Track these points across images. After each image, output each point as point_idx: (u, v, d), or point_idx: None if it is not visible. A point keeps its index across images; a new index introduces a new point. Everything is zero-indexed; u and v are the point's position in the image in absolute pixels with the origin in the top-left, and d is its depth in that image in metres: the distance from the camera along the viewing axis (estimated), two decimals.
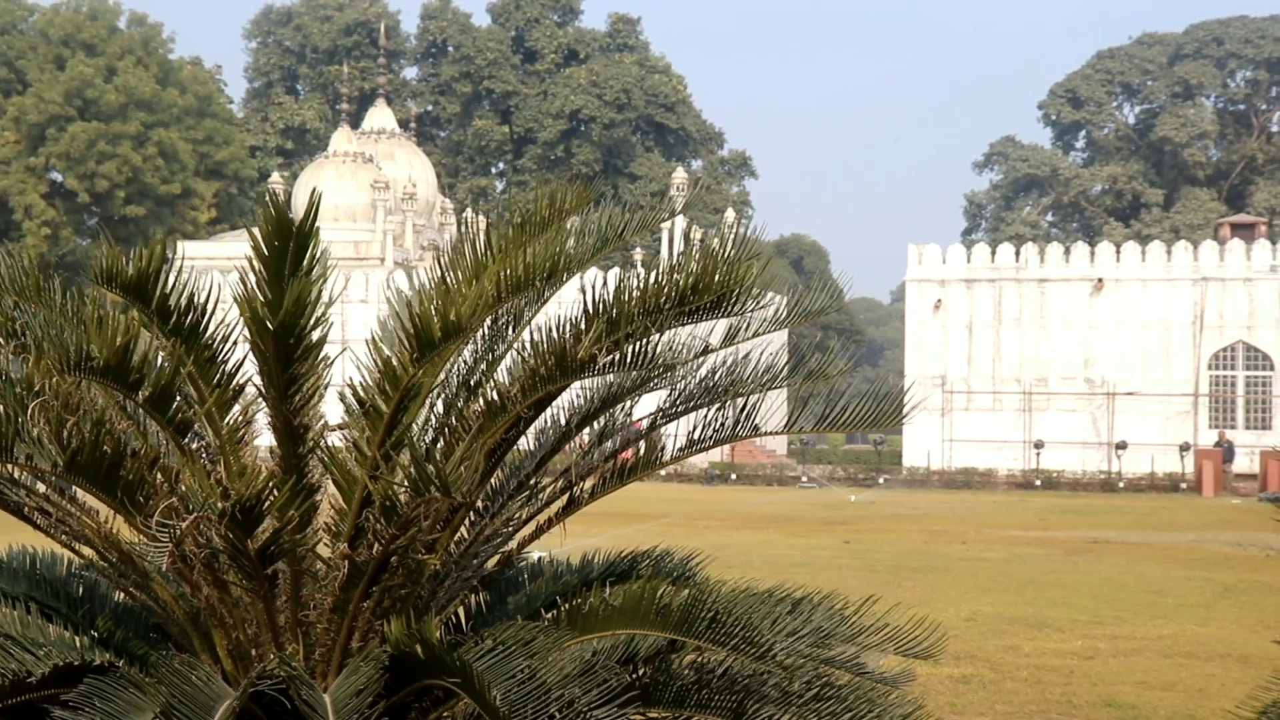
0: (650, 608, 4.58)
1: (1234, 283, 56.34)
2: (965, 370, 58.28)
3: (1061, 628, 16.60)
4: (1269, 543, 27.73)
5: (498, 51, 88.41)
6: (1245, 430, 55.38)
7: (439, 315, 4.43)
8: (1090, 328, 57.35)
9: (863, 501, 43.07)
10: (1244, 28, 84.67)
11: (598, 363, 4.62)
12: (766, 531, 30.46)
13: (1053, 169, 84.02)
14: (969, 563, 24.25)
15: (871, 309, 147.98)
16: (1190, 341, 56.43)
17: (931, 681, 12.84)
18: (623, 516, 30.57)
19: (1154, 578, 22.25)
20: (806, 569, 21.82)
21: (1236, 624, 17.03)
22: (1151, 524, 34.61)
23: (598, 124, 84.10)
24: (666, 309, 4.73)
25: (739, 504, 40.79)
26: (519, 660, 4.25)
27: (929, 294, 59.00)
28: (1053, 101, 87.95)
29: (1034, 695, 12.52)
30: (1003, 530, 31.74)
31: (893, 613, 5.19)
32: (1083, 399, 57.24)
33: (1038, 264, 58.27)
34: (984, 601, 18.85)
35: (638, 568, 5.71)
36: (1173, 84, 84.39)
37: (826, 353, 5.66)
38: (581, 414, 5.38)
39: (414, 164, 73.64)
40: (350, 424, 5.01)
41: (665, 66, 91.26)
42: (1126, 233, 76.72)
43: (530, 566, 5.90)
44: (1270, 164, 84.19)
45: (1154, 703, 12.23)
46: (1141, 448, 54.88)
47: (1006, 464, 55.96)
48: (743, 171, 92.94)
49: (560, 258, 4.68)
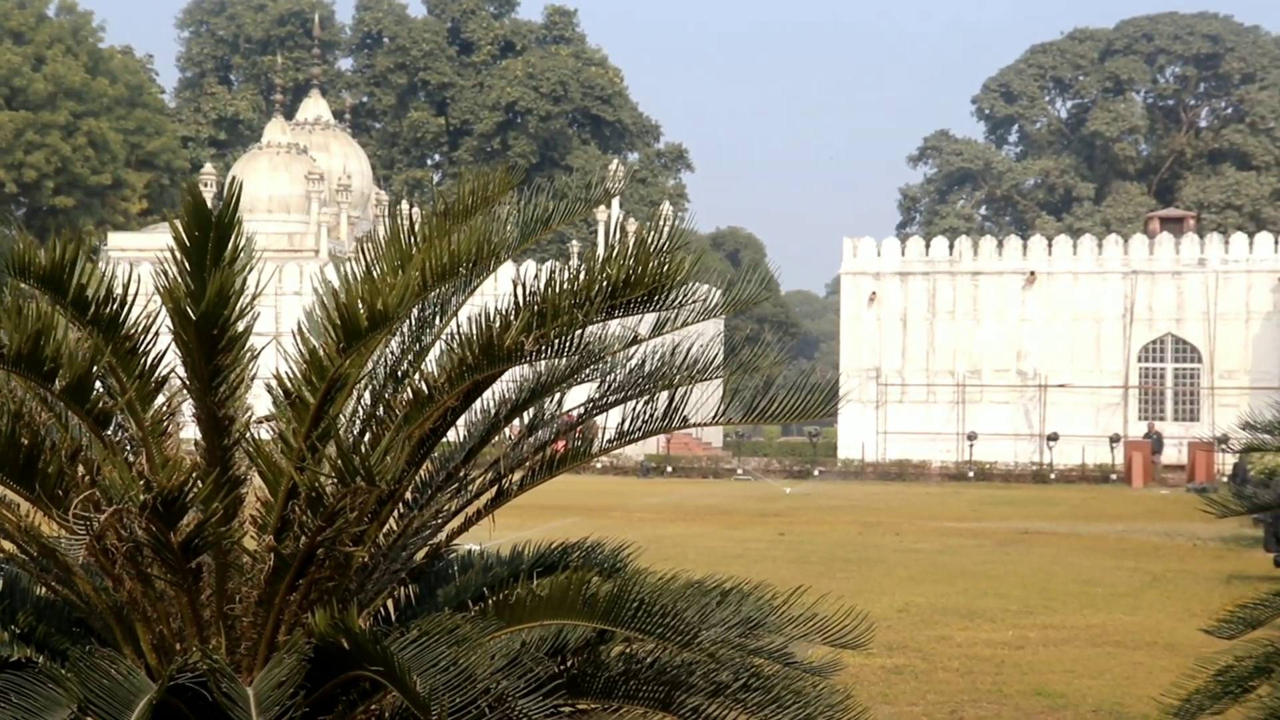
0: (577, 598, 4.57)
1: (1163, 276, 57.01)
2: (900, 363, 58.66)
3: (993, 618, 16.74)
4: (1196, 533, 28.10)
5: (433, 43, 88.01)
6: (1174, 422, 56.06)
7: (365, 305, 4.40)
8: (1023, 320, 57.87)
9: (797, 494, 43.25)
10: (1173, 24, 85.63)
11: (525, 353, 4.60)
12: (701, 524, 30.53)
13: (986, 163, 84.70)
14: (902, 554, 24.42)
15: (807, 302, 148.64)
16: (1120, 334, 57.05)
17: (864, 672, 12.92)
18: (557, 509, 30.52)
19: (1084, 568, 22.49)
20: (741, 561, 21.90)
21: (1164, 613, 17.24)
22: (1082, 515, 34.99)
23: (534, 116, 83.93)
24: (597, 302, 4.72)
25: (674, 496, 40.87)
26: (444, 650, 4.23)
27: (864, 287, 59.32)
28: (986, 96, 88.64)
29: (965, 685, 12.61)
30: (936, 522, 31.98)
31: (821, 603, 5.20)
32: (1015, 391, 57.74)
33: (971, 257, 58.72)
34: (916, 592, 18.99)
35: (568, 559, 5.69)
36: (1104, 79, 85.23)
37: (757, 344, 5.66)
38: (511, 405, 5.35)
39: (349, 155, 73.22)
40: (277, 415, 4.97)
41: (602, 59, 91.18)
42: (1058, 226, 77.42)
43: (460, 559, 5.86)
44: (1199, 159, 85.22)
45: (1083, 691, 12.36)
46: (1073, 439, 55.44)
47: (940, 456, 56.37)
48: (679, 164, 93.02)
49: (486, 245, 4.66)
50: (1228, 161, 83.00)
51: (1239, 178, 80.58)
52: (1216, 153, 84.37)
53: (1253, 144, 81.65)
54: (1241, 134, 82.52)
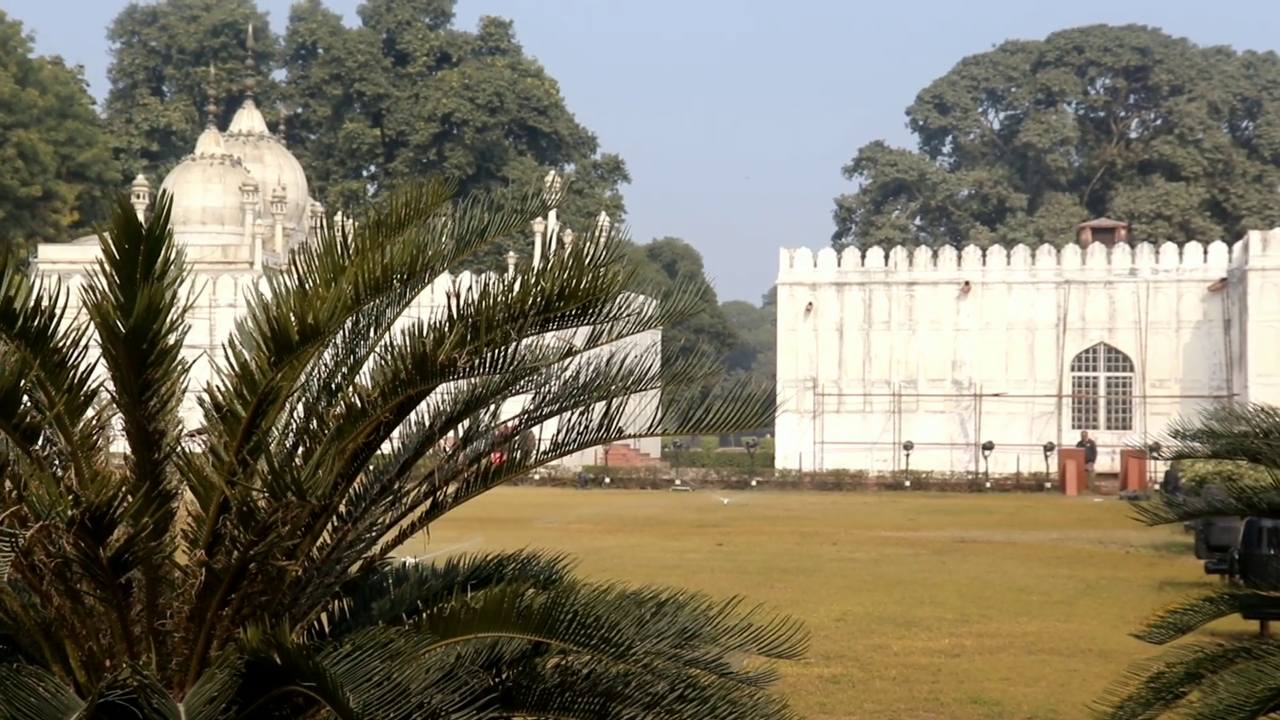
0: (512, 610, 4.55)
1: (1095, 286, 57.61)
2: (836, 373, 58.92)
3: (929, 626, 16.83)
4: (1129, 540, 28.37)
5: (368, 54, 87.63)
6: (1107, 430, 56.63)
7: (296, 318, 4.37)
8: (957, 330, 58.30)
9: (735, 504, 43.33)
10: (1103, 36, 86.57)
11: (458, 366, 4.58)
12: (640, 535, 30.53)
13: (920, 174, 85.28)
14: (839, 563, 24.50)
15: (744, 312, 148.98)
16: (1054, 343, 57.58)
17: (802, 681, 12.95)
18: (495, 521, 30.43)
19: (1019, 576, 22.66)
20: (679, 571, 21.90)
21: (1097, 619, 17.39)
22: (1017, 523, 35.25)
23: (470, 127, 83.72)
24: (531, 315, 4.71)
25: (613, 507, 40.83)
26: (377, 664, 4.20)
27: (800, 297, 59.57)
28: (920, 107, 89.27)
29: (902, 694, 12.67)
30: (872, 531, 32.12)
31: (757, 613, 5.21)
32: (950, 400, 58.15)
33: (906, 267, 59.11)
34: (853, 601, 19.05)
35: (503, 571, 5.67)
36: (1036, 91, 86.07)
37: (693, 355, 5.68)
38: (445, 418, 5.33)
39: (284, 167, 72.76)
40: (209, 429, 4.92)
41: (538, 70, 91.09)
42: (992, 236, 78.07)
43: (395, 572, 5.83)
44: (1129, 170, 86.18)
45: (1018, 698, 12.45)
46: (1007, 448, 55.90)
47: (877, 465, 56.66)
48: (616, 175, 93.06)
49: (419, 257, 4.64)
50: (1157, 172, 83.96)
51: (1169, 188, 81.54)
52: (1147, 164, 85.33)
53: (1182, 155, 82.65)
54: (1171, 145, 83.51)
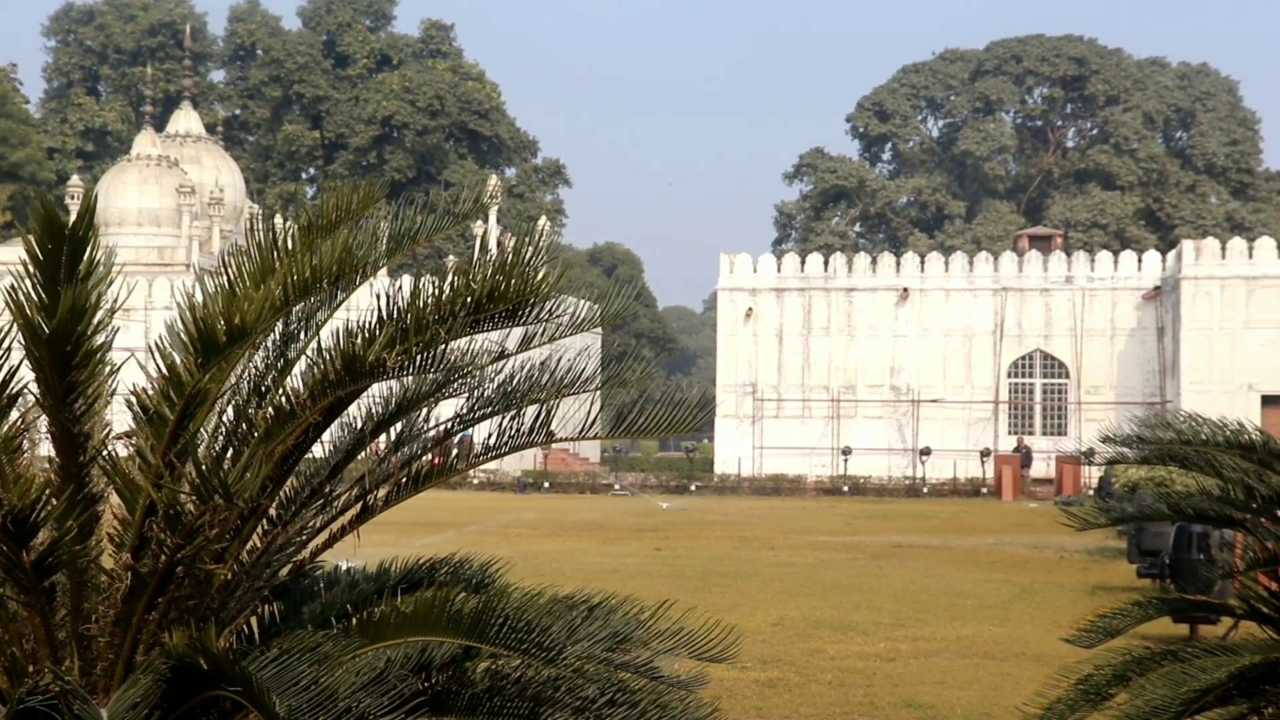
0: (442, 614, 4.53)
1: (1032, 293, 58.10)
2: (776, 378, 59.12)
3: (865, 631, 16.91)
4: (1063, 545, 28.62)
5: (308, 55, 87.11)
6: (1042, 436, 57.11)
7: (224, 319, 4.33)
8: (896, 336, 58.63)
9: (674, 509, 43.37)
10: (1041, 46, 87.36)
11: (388, 368, 4.56)
12: (578, 539, 30.50)
13: (860, 180, 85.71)
14: (777, 568, 24.58)
15: (685, 317, 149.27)
16: (991, 350, 58.02)
17: (738, 685, 12.99)
18: (433, 525, 30.35)
19: (954, 580, 22.80)
20: (617, 576, 21.90)
21: (1031, 624, 17.53)
22: (953, 528, 35.47)
23: (410, 130, 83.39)
24: (461, 316, 4.68)
25: (551, 512, 40.77)
26: (305, 669, 4.17)
27: (740, 303, 59.73)
28: (860, 114, 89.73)
29: (837, 697, 12.72)
30: (810, 536, 32.23)
31: (688, 617, 5.21)
32: (889, 406, 58.47)
33: (846, 274, 59.40)
34: (791, 606, 19.12)
35: (436, 575, 5.64)
36: (974, 99, 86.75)
37: (627, 359, 5.67)
38: (376, 421, 5.30)
39: (221, 168, 72.16)
40: (136, 432, 4.87)
41: (479, 73, 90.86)
42: (930, 243, 78.56)
43: (326, 575, 5.79)
44: (1065, 178, 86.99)
45: (952, 702, 12.52)
46: (945, 453, 56.25)
47: (815, 470, 56.87)
48: (556, 180, 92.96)
49: (349, 259, 4.61)
50: (1093, 181, 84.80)
51: (1104, 197, 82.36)
52: (1083, 172, 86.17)
53: (1117, 164, 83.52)
54: (1106, 154, 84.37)
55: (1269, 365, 52.52)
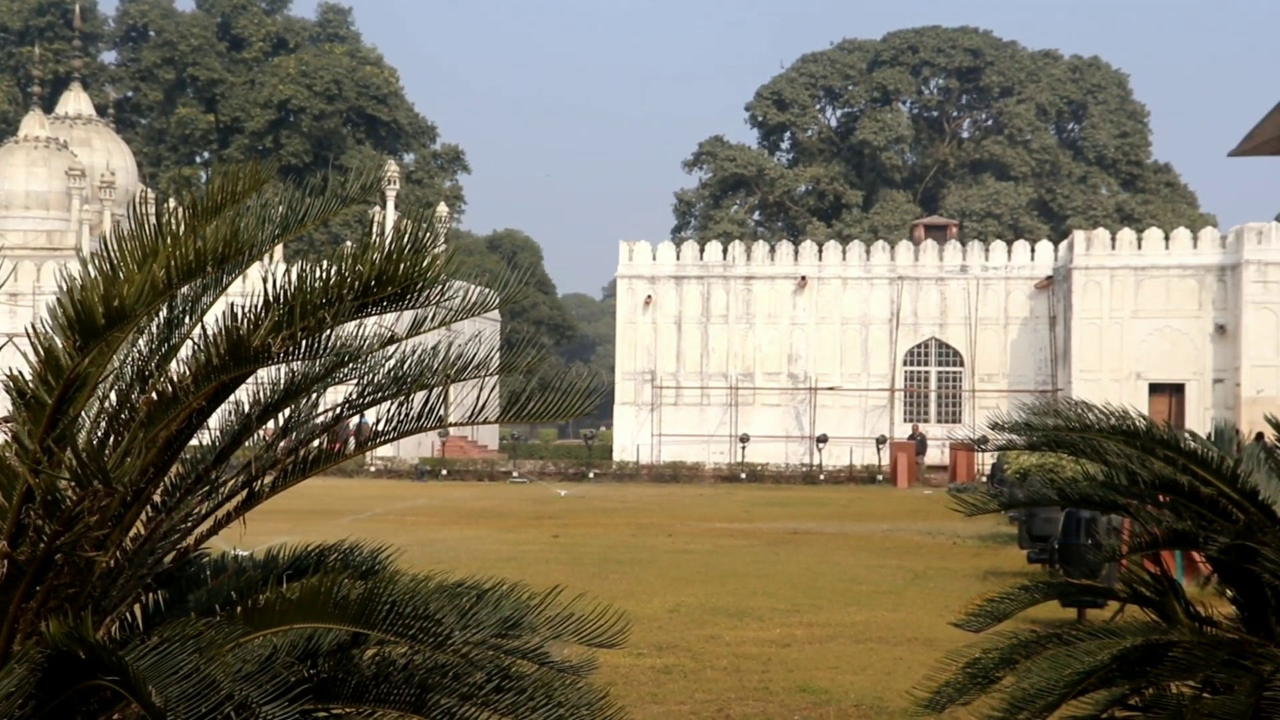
0: (329, 601, 4.48)
1: (927, 282, 58.76)
2: (674, 366, 59.30)
3: (761, 617, 17.00)
4: (956, 531, 28.98)
5: (202, 38, 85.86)
6: (937, 424, 57.83)
7: (103, 301, 4.25)
8: (794, 324, 59.03)
9: (572, 496, 43.38)
10: (937, 37, 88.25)
11: (273, 352, 4.49)
12: (475, 527, 30.41)
13: (759, 169, 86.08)
14: (674, 555, 24.65)
15: (584, 305, 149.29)
16: (887, 338, 58.61)
17: (634, 672, 13.01)
18: (328, 513, 30.15)
19: (850, 566, 23.00)
20: (514, 563, 21.87)
21: (924, 609, 17.72)
22: (849, 514, 35.79)
23: (307, 115, 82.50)
24: (349, 300, 4.63)
25: (449, 499, 40.62)
26: (186, 658, 4.10)
27: (639, 290, 59.83)
28: (759, 103, 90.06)
29: (733, 683, 12.77)
30: (708, 523, 32.38)
31: (579, 602, 5.20)
32: (786, 394, 58.88)
33: (744, 262, 59.69)
34: (687, 593, 19.18)
35: (325, 562, 5.58)
36: (872, 89, 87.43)
37: (519, 345, 5.65)
38: (263, 406, 5.23)
39: (113, 151, 71.00)
40: (14, 416, 4.76)
41: (377, 58, 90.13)
42: (829, 232, 79.12)
43: (213, 563, 5.70)
44: (961, 168, 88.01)
45: (845, 686, 12.62)
46: (841, 441, 56.77)
47: (713, 458, 57.16)
48: (455, 166, 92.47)
49: (235, 242, 4.53)
50: (988, 171, 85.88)
51: (998, 187, 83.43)
52: (978, 163, 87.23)
53: (1011, 155, 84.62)
54: (1001, 145, 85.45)
55: (1156, 354, 53.59)
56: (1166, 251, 54.40)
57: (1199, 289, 53.77)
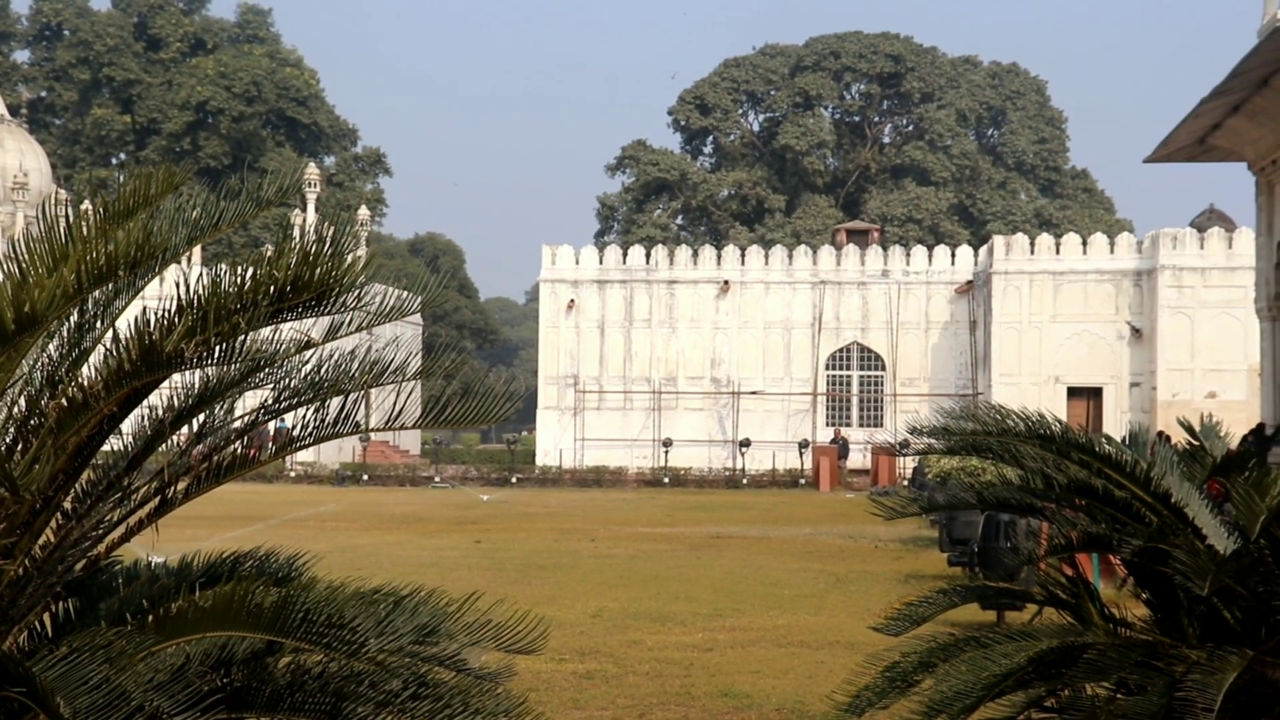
0: (242, 609, 4.43)
1: (849, 286, 59.09)
2: (597, 370, 59.26)
3: (683, 621, 17.01)
4: (878, 535, 29.14)
5: (118, 38, 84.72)
6: (859, 428, 58.14)
7: (12, 306, 4.17)
8: (717, 329, 59.16)
9: (495, 501, 43.24)
10: (859, 43, 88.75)
11: (186, 358, 4.43)
12: (397, 532, 30.22)
13: (682, 173, 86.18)
14: (597, 560, 24.62)
15: (507, 309, 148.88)
16: (810, 342, 58.87)
17: (555, 678, 12.97)
18: (246, 519, 29.87)
19: (772, 570, 23.07)
20: (436, 569, 21.75)
21: (846, 613, 17.79)
22: (772, 519, 35.91)
23: (226, 116, 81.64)
24: (264, 305, 4.57)
25: (369, 505, 40.36)
26: (96, 668, 4.03)
27: (562, 294, 59.74)
28: (682, 108, 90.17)
29: (654, 688, 12.76)
30: (630, 527, 32.37)
31: (497, 608, 5.17)
32: (709, 398, 58.99)
33: (667, 266, 59.75)
34: (610, 598, 19.16)
35: (240, 569, 5.51)
36: (794, 94, 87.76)
37: (437, 350, 5.61)
38: (177, 412, 5.16)
39: (25, 152, 69.87)
40: None
41: (297, 60, 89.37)
42: (751, 236, 79.37)
43: (125, 570, 5.61)
44: (882, 174, 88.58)
45: (767, 690, 12.65)
46: (764, 445, 56.94)
47: (637, 462, 57.16)
48: (377, 169, 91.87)
49: (147, 246, 4.47)
50: (909, 177, 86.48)
51: (919, 192, 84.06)
52: (899, 168, 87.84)
53: (932, 160, 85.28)
54: (921, 151, 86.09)
55: (1074, 358, 54.23)
56: (1084, 257, 55.04)
57: (1116, 294, 54.45)
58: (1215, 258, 52.53)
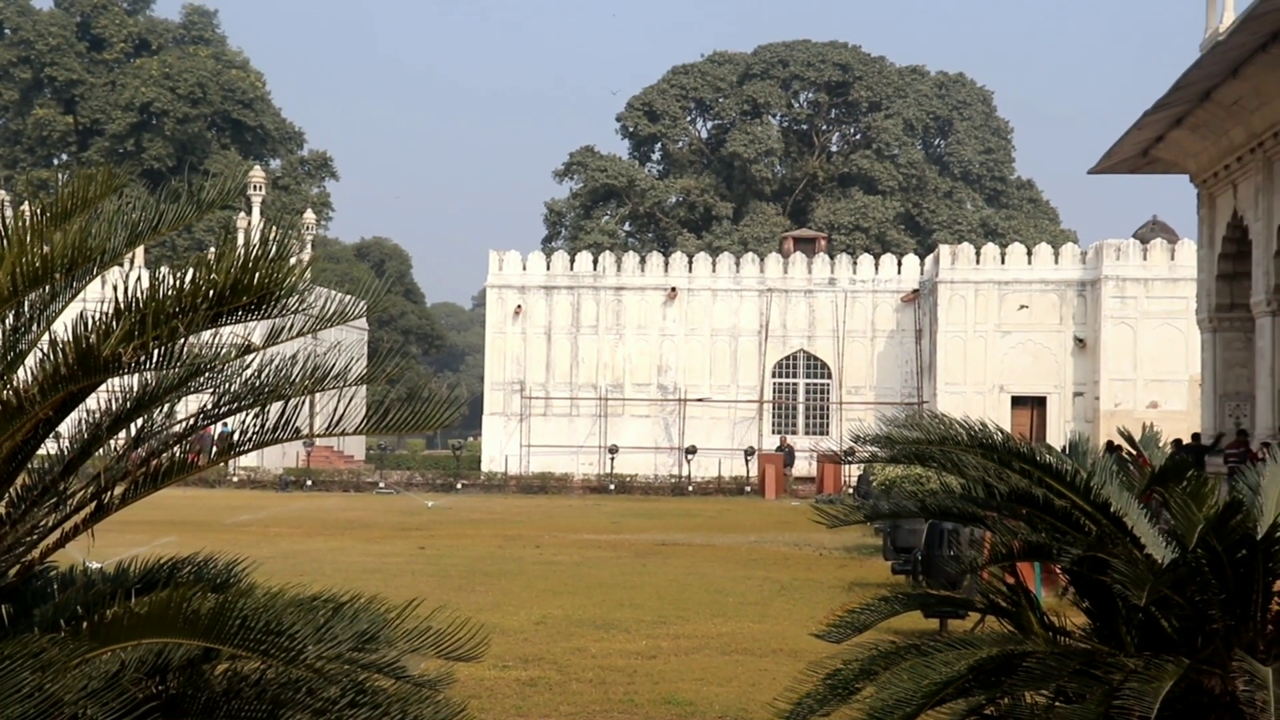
0: (179, 615, 4.37)
1: (796, 294, 59.28)
2: (544, 376, 59.19)
3: (627, 628, 17.00)
4: (823, 542, 29.22)
5: (61, 37, 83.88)
6: (805, 435, 58.32)
7: None
8: (664, 335, 59.20)
9: (439, 507, 43.08)
10: (807, 52, 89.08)
11: (124, 362, 4.38)
12: (340, 538, 30.07)
13: (630, 180, 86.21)
14: (541, 566, 24.58)
15: (453, 314, 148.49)
16: (756, 350, 59.01)
17: (499, 685, 12.94)
18: (188, 524, 29.65)
19: (717, 578, 23.09)
20: (379, 575, 21.65)
21: (790, 620, 17.83)
22: (717, 526, 35.95)
23: (170, 118, 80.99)
24: (203, 309, 4.53)
25: (313, 510, 40.13)
26: (28, 675, 3.98)
27: (509, 300, 59.64)
28: (630, 114, 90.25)
29: (598, 695, 12.75)
30: (576, 534, 32.33)
31: (437, 615, 5.14)
32: (656, 405, 59.01)
33: (615, 272, 59.77)
34: (554, 605, 19.12)
35: (177, 575, 5.46)
36: (742, 102, 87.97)
37: (381, 355, 5.58)
38: (115, 417, 5.10)
39: None
40: None
41: (243, 62, 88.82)
42: (699, 244, 79.47)
43: (60, 576, 5.54)
44: (830, 182, 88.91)
45: (710, 698, 12.66)
46: (710, 452, 57.01)
47: (582, 469, 57.12)
48: (323, 172, 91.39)
49: (85, 249, 4.42)
50: (856, 185, 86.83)
51: (866, 201, 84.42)
52: (846, 176, 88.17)
53: (879, 169, 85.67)
54: (869, 159, 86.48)
55: (1019, 367, 54.63)
56: (1029, 266, 55.47)
57: (1060, 304, 54.90)
58: (1158, 269, 53.06)
